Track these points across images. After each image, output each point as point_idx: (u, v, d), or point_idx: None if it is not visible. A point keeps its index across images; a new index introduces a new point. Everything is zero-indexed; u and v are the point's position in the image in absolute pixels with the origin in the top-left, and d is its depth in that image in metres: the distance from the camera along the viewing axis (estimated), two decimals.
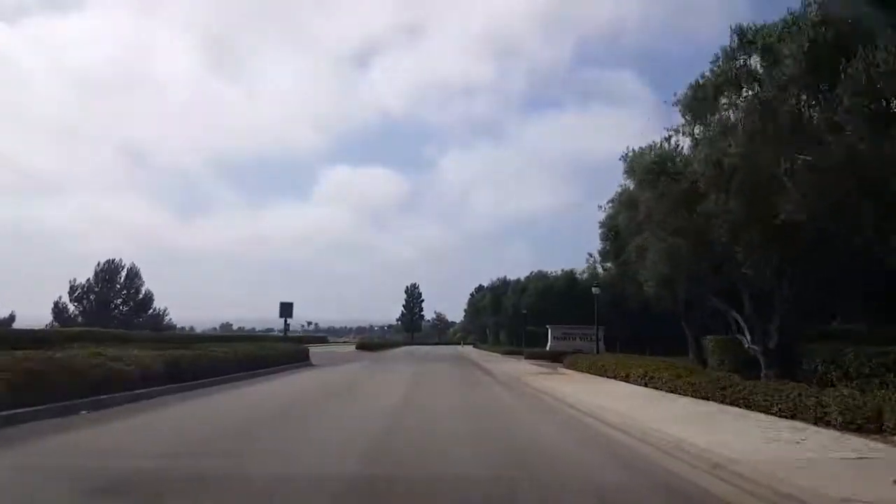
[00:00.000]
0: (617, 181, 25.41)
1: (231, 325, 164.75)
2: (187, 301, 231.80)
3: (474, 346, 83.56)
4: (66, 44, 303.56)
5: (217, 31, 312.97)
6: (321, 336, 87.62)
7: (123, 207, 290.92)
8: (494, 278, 65.66)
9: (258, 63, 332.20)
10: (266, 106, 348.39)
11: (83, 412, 11.07)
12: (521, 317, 55.59)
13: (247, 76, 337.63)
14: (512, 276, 67.11)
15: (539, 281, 56.51)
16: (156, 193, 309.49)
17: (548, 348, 42.82)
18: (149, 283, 62.85)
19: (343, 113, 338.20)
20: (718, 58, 15.05)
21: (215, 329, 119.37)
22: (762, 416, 11.12)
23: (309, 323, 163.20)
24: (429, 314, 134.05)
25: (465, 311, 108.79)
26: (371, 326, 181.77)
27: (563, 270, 56.69)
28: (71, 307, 61.13)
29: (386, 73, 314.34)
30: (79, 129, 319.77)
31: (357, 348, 53.88)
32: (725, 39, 14.80)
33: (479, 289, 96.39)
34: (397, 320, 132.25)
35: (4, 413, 9.52)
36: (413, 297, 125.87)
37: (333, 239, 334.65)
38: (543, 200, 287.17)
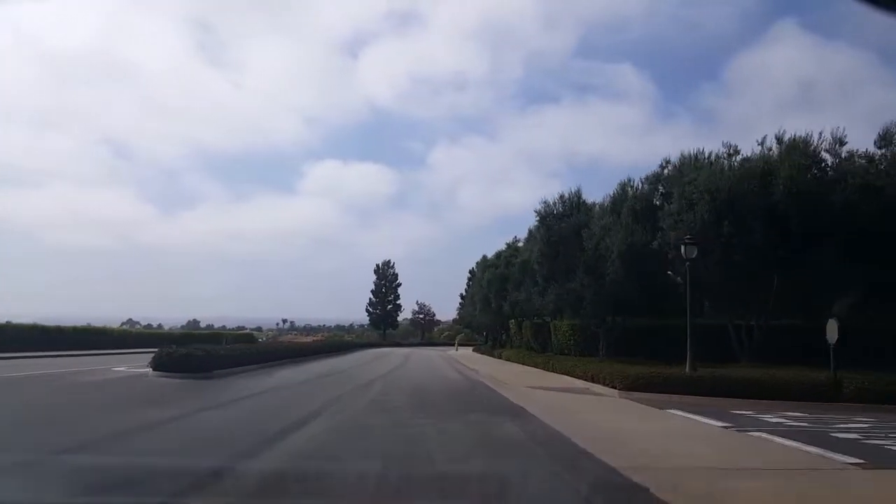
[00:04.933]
0: None
1: (199, 321, 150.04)
2: (161, 296, 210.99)
3: (482, 352, 47.18)
4: (43, 29, 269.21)
5: (203, 19, 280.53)
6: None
7: (102, 200, 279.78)
8: (550, 198, 28.33)
9: (245, 52, 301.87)
10: (252, 96, 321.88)
11: None
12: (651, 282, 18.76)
13: (233, 65, 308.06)
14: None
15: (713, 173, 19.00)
16: (136, 186, 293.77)
17: None
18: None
19: (332, 105, 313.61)
20: None
21: (182, 327, 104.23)
22: None
23: (284, 321, 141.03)
24: (409, 307, 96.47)
25: (463, 295, 71.80)
26: (351, 325, 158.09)
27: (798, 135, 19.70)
28: None
29: (377, 65, 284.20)
30: (56, 119, 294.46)
31: (155, 369, 16.70)
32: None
33: (484, 260, 59.39)
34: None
35: None
36: (386, 280, 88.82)
37: (318, 235, 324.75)
38: (537, 196, 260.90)
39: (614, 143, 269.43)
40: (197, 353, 17.39)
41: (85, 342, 36.40)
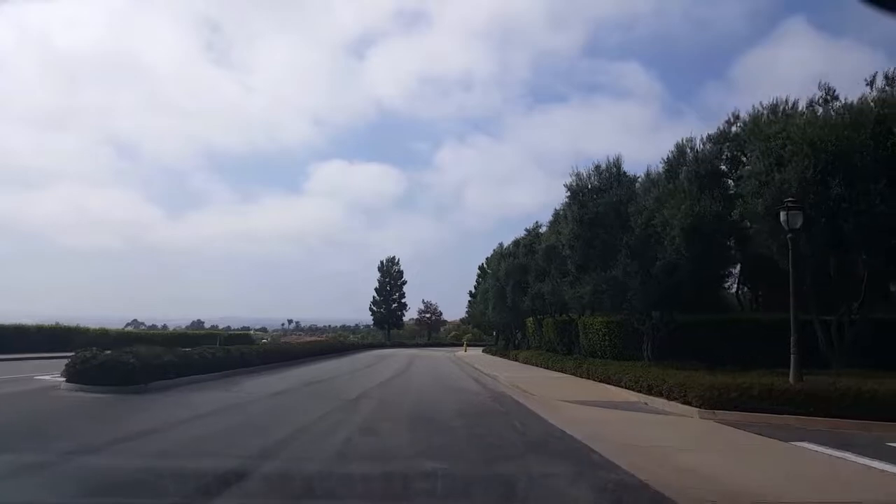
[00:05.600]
0: None
1: (203, 322, 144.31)
2: (166, 297, 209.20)
3: (494, 354, 43.10)
4: (51, 30, 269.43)
5: (211, 19, 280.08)
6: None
7: (109, 201, 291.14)
8: (583, 170, 24.13)
9: (253, 53, 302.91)
10: (260, 97, 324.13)
11: None
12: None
13: (241, 66, 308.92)
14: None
15: None
16: (143, 187, 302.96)
17: None
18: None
19: (340, 106, 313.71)
20: None
21: (186, 328, 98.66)
22: None
23: (290, 321, 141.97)
24: (415, 308, 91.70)
25: (472, 293, 67.28)
26: (357, 325, 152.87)
27: None
28: None
29: (384, 65, 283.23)
30: (63, 119, 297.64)
31: (69, 380, 12.27)
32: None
33: (500, 249, 54.82)
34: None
35: None
36: (390, 278, 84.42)
37: (325, 236, 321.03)
38: (543, 197, 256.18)
39: (621, 141, 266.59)
40: (127, 358, 12.95)
41: (55, 342, 32.01)
